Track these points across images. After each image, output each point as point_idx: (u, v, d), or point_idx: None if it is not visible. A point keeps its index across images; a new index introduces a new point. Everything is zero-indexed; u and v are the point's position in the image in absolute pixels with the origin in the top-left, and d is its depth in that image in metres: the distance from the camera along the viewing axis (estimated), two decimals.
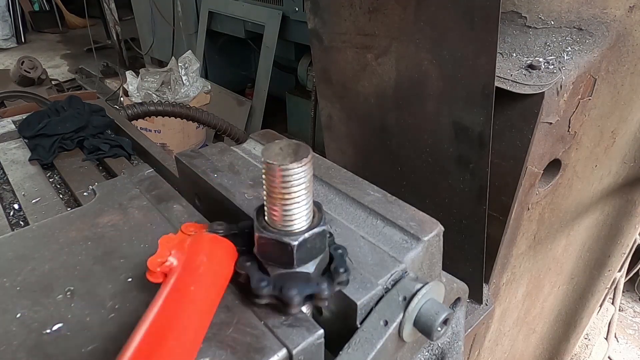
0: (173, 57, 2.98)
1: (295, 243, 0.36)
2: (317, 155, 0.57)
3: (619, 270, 1.44)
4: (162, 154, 0.95)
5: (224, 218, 0.44)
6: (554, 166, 0.82)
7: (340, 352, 0.39)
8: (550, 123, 0.72)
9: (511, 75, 0.70)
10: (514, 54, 0.74)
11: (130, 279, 0.40)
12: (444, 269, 0.50)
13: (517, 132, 0.72)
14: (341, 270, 0.38)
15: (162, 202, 0.54)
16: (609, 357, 1.89)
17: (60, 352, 0.33)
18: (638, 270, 1.75)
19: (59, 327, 0.35)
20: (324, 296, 0.37)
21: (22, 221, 0.81)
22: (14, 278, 0.40)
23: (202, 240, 0.39)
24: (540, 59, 0.72)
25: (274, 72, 3.13)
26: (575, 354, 1.70)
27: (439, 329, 0.41)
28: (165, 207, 0.53)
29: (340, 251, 0.40)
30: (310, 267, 0.37)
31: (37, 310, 0.37)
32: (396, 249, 0.45)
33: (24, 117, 1.08)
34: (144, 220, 0.50)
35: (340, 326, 0.42)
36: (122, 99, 3.19)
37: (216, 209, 0.53)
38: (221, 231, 0.41)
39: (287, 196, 0.35)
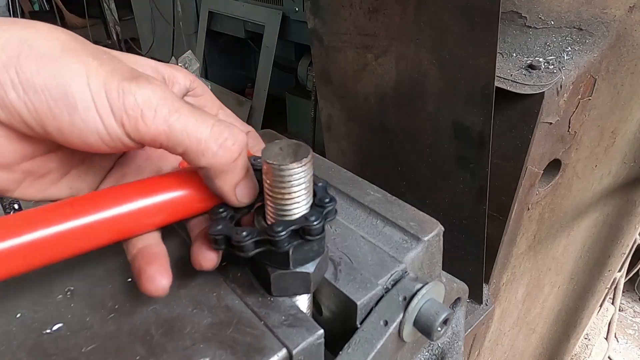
0: (173, 57, 2.98)
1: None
2: (317, 155, 0.57)
3: (619, 270, 1.44)
4: None
5: None
6: (554, 166, 0.82)
7: (340, 352, 0.39)
8: (550, 123, 0.72)
9: (511, 75, 0.70)
10: (514, 54, 0.74)
11: (130, 279, 0.40)
12: (444, 269, 0.50)
13: (517, 132, 0.72)
14: (326, 200, 0.36)
15: None
16: (609, 357, 1.89)
17: (60, 351, 0.33)
18: (638, 270, 1.75)
19: (59, 327, 0.35)
20: (313, 228, 0.35)
21: None
22: (13, 278, 0.40)
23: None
24: (540, 59, 0.72)
25: (274, 72, 3.13)
26: (575, 354, 1.70)
27: (439, 329, 0.41)
28: None
29: (320, 184, 0.38)
30: (310, 268, 0.37)
31: (37, 310, 0.37)
32: (396, 249, 0.45)
33: None
34: None
35: (340, 326, 0.42)
36: None
37: None
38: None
39: (287, 197, 0.34)
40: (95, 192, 0.36)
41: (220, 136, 0.34)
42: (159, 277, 0.34)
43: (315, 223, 0.35)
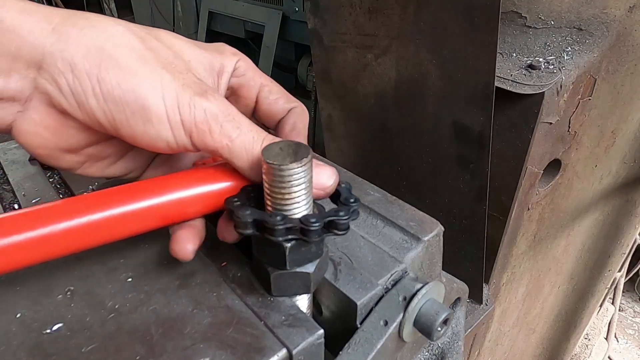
0: None
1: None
2: (317, 155, 0.57)
3: (619, 270, 1.44)
4: None
5: None
6: (554, 166, 0.82)
7: (340, 352, 0.39)
8: (550, 123, 0.72)
9: (511, 75, 0.70)
10: (514, 54, 0.74)
11: (130, 279, 0.40)
12: (444, 269, 0.50)
13: (517, 132, 0.72)
14: (351, 200, 0.38)
15: None
16: (609, 357, 1.89)
17: (60, 351, 0.33)
18: (638, 270, 1.76)
19: (59, 327, 0.35)
20: (342, 222, 0.36)
21: None
22: (13, 277, 0.40)
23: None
24: (540, 59, 0.72)
25: (274, 72, 3.13)
26: (575, 354, 1.70)
27: (439, 329, 0.41)
28: None
29: (344, 185, 0.40)
30: (310, 268, 0.37)
31: (37, 310, 0.37)
32: (396, 249, 0.45)
33: None
34: None
35: (340, 326, 0.42)
36: None
37: None
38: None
39: (287, 196, 0.35)
40: (146, 181, 0.38)
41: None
42: (185, 241, 0.37)
43: (344, 218, 0.36)
